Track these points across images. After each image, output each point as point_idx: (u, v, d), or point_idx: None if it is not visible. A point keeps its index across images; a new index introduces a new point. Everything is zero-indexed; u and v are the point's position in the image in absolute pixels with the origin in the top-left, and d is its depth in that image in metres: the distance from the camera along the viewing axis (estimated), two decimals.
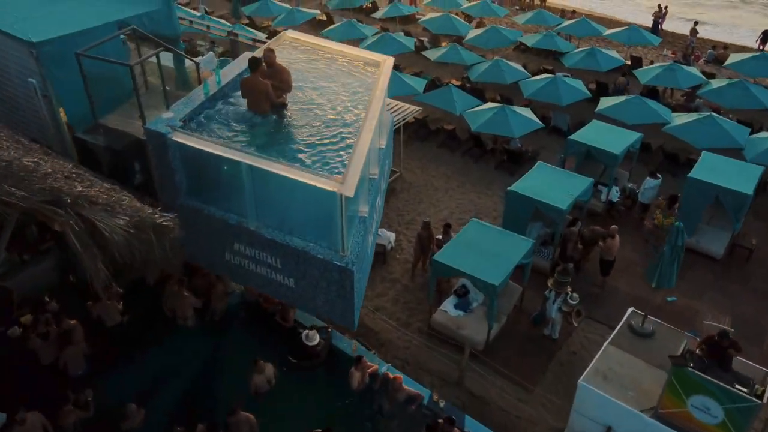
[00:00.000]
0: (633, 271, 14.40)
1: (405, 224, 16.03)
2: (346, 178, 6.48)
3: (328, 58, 10.23)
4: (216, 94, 8.54)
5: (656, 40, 24.29)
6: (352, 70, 9.85)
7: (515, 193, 13.73)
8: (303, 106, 8.78)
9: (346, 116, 8.58)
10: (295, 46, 10.42)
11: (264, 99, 8.17)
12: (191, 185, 7.83)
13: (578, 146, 15.94)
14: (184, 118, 7.80)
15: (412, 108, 16.94)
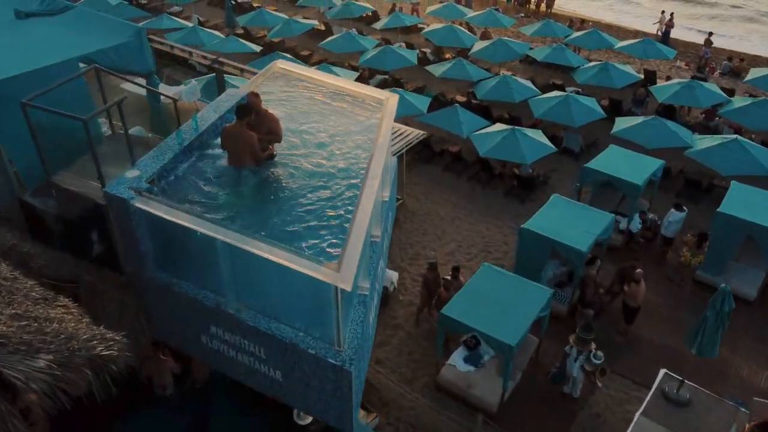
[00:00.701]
0: (657, 315, 13.19)
1: (409, 259, 14.82)
2: (343, 264, 5.28)
3: (323, 93, 9.02)
4: (193, 143, 7.32)
5: (671, 53, 23.08)
6: (351, 110, 8.64)
7: (530, 231, 12.54)
8: (294, 156, 7.57)
9: (344, 169, 7.38)
10: (286, 80, 9.21)
11: (248, 154, 6.98)
12: (160, 256, 6.63)
13: (595, 175, 14.76)
14: (152, 176, 6.59)
15: (415, 132, 15.74)
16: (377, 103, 8.56)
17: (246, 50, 22.92)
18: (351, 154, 7.60)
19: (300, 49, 26.69)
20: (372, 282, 6.92)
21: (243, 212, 6.55)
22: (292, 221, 6.49)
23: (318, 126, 8.13)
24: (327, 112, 8.49)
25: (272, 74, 9.28)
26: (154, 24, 24.93)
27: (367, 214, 6.00)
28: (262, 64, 21.27)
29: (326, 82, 9.12)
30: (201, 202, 6.60)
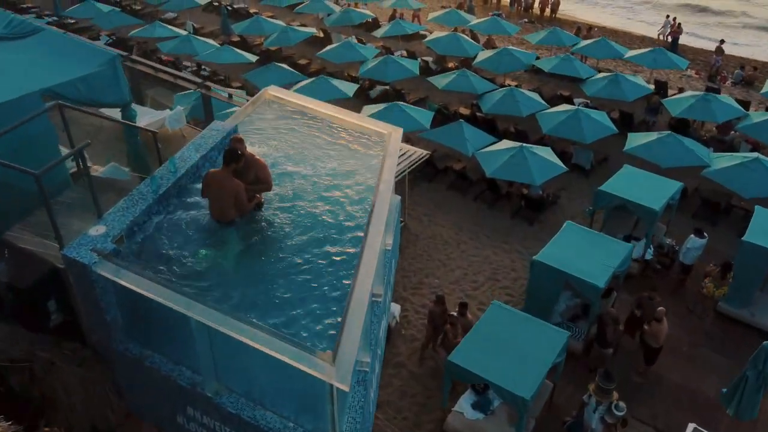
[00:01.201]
0: (678, 351, 12.32)
1: (412, 288, 13.95)
2: (339, 356, 4.41)
3: (318, 126, 8.14)
4: (170, 190, 6.44)
5: (683, 63, 22.20)
6: (349, 146, 7.77)
7: (542, 264, 11.66)
8: (285, 206, 6.68)
9: (342, 221, 6.50)
10: (278, 109, 8.33)
11: (233, 205, 6.11)
12: (129, 326, 5.76)
13: (610, 198, 13.89)
14: (121, 233, 5.72)
15: (418, 152, 14.88)
16: (378, 137, 7.69)
17: (241, 60, 22.05)
18: (350, 201, 6.73)
19: (298, 57, 25.84)
20: (373, 352, 6.06)
21: (225, 277, 5.68)
22: (281, 287, 5.62)
23: (312, 167, 7.26)
24: (322, 150, 7.61)
25: (262, 102, 8.40)
26: (146, 32, 24.09)
27: (368, 284, 5.14)
28: (259, 76, 20.48)
29: (321, 112, 8.24)
30: (177, 264, 5.73)
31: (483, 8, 36.30)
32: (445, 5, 36.24)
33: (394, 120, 17.35)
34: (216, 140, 7.19)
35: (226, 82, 23.21)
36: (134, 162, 8.38)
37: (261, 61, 24.87)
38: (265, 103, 8.47)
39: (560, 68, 21.25)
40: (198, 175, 6.75)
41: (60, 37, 8.41)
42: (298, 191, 6.84)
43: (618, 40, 31.08)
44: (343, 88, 19.39)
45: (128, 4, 31.68)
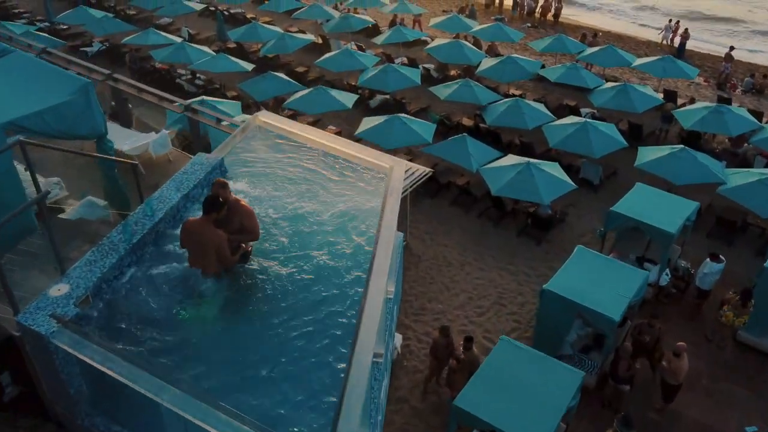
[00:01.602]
0: (697, 383, 11.63)
1: (413, 315, 13.24)
2: None
3: (312, 157, 7.45)
4: (146, 237, 5.75)
5: (693, 71, 21.49)
6: (347, 183, 7.07)
7: (553, 293, 10.96)
8: (274, 257, 5.98)
9: (338, 276, 5.80)
10: (269, 139, 7.64)
11: (213, 258, 5.42)
12: (97, 398, 5.07)
13: (622, 220, 13.20)
14: (86, 293, 5.03)
15: (420, 169, 14.17)
16: (380, 171, 6.99)
17: (237, 69, 21.35)
18: (349, 249, 6.04)
19: (295, 65, 25.13)
20: (373, 423, 5.35)
21: (203, 347, 5.00)
22: (267, 360, 4.93)
23: (306, 208, 6.56)
24: (317, 187, 6.92)
25: (251, 130, 7.70)
26: (140, 39, 23.40)
27: (368, 354, 4.45)
28: (255, 85, 19.78)
29: (316, 141, 7.54)
30: (151, 330, 5.04)
31: (485, 12, 35.59)
32: (446, 9, 35.59)
33: (395, 133, 16.73)
34: (200, 176, 6.50)
35: (221, 91, 22.55)
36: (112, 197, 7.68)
37: (258, 68, 24.18)
38: (255, 130, 7.77)
39: (566, 78, 20.53)
40: (179, 218, 6.07)
41: (27, 61, 7.66)
42: (289, 237, 6.15)
43: (623, 46, 30.45)
44: (342, 99, 18.70)
45: (122, 9, 30.97)
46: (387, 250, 5.53)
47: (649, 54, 29.79)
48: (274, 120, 7.80)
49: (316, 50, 26.04)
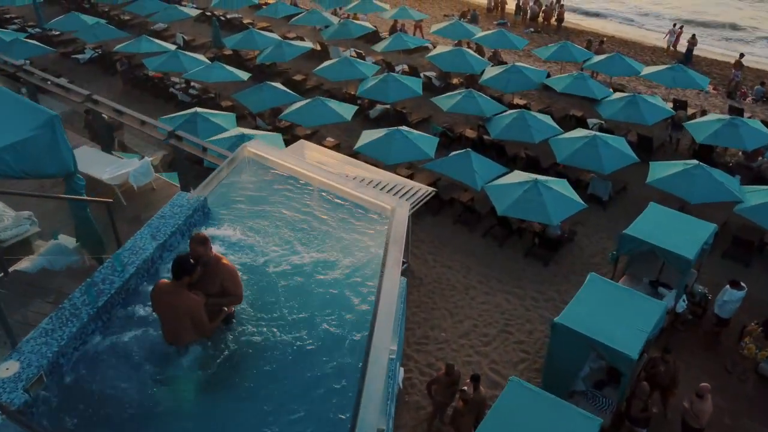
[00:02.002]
0: (718, 421, 10.90)
1: (416, 344, 12.54)
2: None
3: (306, 195, 6.73)
4: (114, 298, 5.03)
5: (704, 81, 20.78)
6: (345, 226, 6.35)
7: (565, 327, 10.25)
8: (261, 321, 5.26)
9: (335, 341, 5.09)
10: (258, 172, 6.92)
11: (188, 326, 4.71)
12: None
13: (636, 244, 12.47)
14: (40, 372, 4.31)
15: (422, 189, 13.47)
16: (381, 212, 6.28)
17: (233, 78, 20.64)
18: (346, 306, 5.33)
19: (293, 73, 24.45)
20: None
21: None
22: None
23: (299, 258, 5.85)
24: (311, 232, 6.20)
25: (239, 163, 6.99)
26: (132, 47, 22.69)
27: None
28: (250, 96, 19.05)
29: (310, 177, 6.82)
30: (117, 415, 4.32)
31: (487, 17, 34.93)
32: (448, 13, 34.89)
33: (395, 148, 16.01)
34: (179, 221, 5.78)
35: (216, 100, 21.85)
36: (84, 239, 6.99)
37: (254, 76, 23.49)
38: (244, 162, 7.05)
39: (573, 88, 19.82)
40: (154, 272, 5.35)
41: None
42: (279, 294, 5.44)
43: (629, 52, 29.77)
44: (340, 111, 17.99)
45: (116, 15, 30.28)
46: (390, 306, 4.83)
47: (655, 60, 29.15)
48: (264, 151, 7.09)
49: (314, 57, 25.36)
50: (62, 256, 6.60)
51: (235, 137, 15.66)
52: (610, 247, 15.42)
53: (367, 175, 13.06)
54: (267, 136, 16.18)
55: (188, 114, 17.06)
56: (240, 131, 15.97)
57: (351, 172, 12.99)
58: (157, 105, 22.35)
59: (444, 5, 37.37)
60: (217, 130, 16.74)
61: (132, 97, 22.83)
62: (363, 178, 12.72)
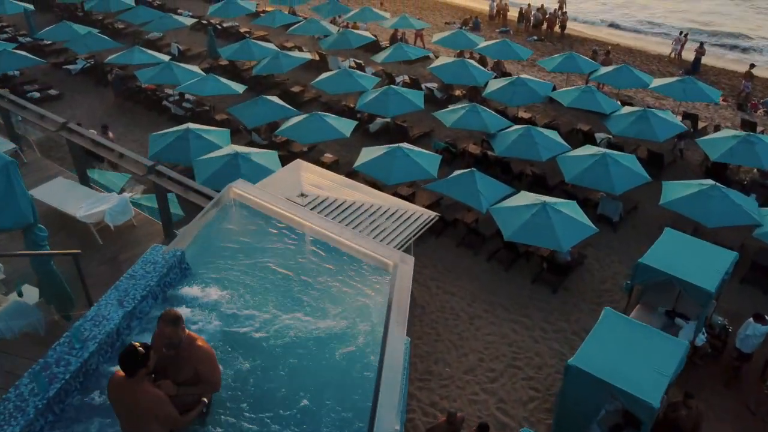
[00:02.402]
0: None
1: (418, 380, 11.79)
2: None
3: (297, 245, 5.99)
4: (69, 383, 4.29)
5: (716, 94, 20.06)
6: (341, 285, 5.61)
7: (580, 370, 9.51)
8: (241, 411, 4.52)
9: (331, 421, 4.35)
10: (243, 218, 6.20)
11: (153, 426, 3.97)
12: None
13: (652, 274, 11.72)
14: None
15: (425, 214, 12.70)
16: (382, 268, 5.55)
17: (228, 92, 19.94)
18: (344, 384, 4.60)
19: (291, 84, 23.75)
20: None
21: None
22: None
23: (288, 327, 5.10)
24: (304, 290, 5.47)
25: (224, 205, 6.26)
26: (124, 58, 21.99)
27: None
28: (245, 111, 18.33)
29: (304, 224, 6.09)
30: None
31: (489, 24, 34.28)
32: (449, 21, 34.24)
33: (396, 167, 15.29)
34: (151, 282, 5.05)
35: (211, 113, 21.14)
36: (49, 293, 6.26)
37: (251, 87, 22.81)
38: (230, 206, 6.33)
39: (581, 102, 19.09)
40: (119, 346, 4.61)
41: None
42: (264, 369, 4.71)
43: (635, 61, 29.14)
44: (339, 127, 17.28)
45: (110, 23, 29.60)
46: (395, 385, 4.10)
47: (662, 69, 28.50)
48: (252, 193, 6.37)
49: (312, 67, 24.68)
50: (20, 320, 5.85)
51: (229, 156, 14.97)
52: (622, 272, 14.71)
53: (366, 199, 12.33)
54: (262, 154, 15.47)
55: (180, 130, 16.34)
56: (234, 149, 15.24)
57: (350, 196, 12.28)
58: (150, 118, 21.68)
59: (445, 12, 36.73)
60: (210, 147, 16.03)
61: (124, 110, 22.16)
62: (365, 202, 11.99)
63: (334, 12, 29.41)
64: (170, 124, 20.63)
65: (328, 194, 12.09)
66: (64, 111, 21.97)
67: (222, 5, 28.42)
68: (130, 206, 8.67)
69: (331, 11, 29.32)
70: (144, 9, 27.54)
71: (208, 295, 5.28)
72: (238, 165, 14.76)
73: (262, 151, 15.76)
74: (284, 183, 12.64)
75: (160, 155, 16.21)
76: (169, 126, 20.25)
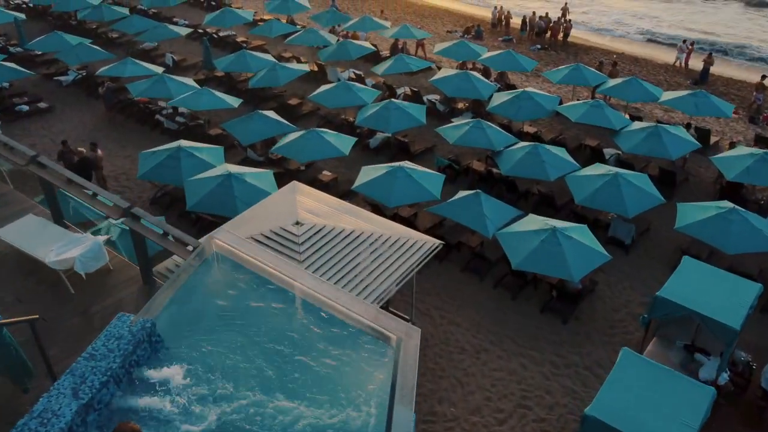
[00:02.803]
0: None
1: (422, 421, 11.03)
2: None
3: (286, 309, 5.24)
4: None
5: (728, 108, 19.33)
6: (334, 360, 4.87)
7: (598, 422, 8.74)
8: None
9: None
10: (226, 275, 5.45)
11: None
12: None
13: (671, 308, 10.98)
14: None
15: (428, 243, 11.97)
16: (385, 341, 4.80)
17: (222, 106, 19.22)
18: None
19: (288, 96, 23.01)
20: None
21: None
22: None
23: (271, 418, 4.35)
24: (294, 366, 4.72)
25: (206, 262, 5.51)
26: (116, 70, 21.29)
27: None
28: (240, 126, 17.57)
29: (293, 284, 5.34)
30: None
31: (491, 33, 33.59)
32: (451, 29, 33.55)
33: (398, 188, 14.53)
34: (113, 363, 4.29)
35: (205, 128, 20.41)
36: (3, 365, 5.52)
37: (247, 100, 22.10)
38: (211, 260, 5.58)
39: (589, 117, 18.36)
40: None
41: None
42: None
43: (641, 71, 28.43)
44: (337, 144, 16.55)
45: (104, 33, 28.89)
46: None
47: (669, 80, 27.78)
48: (236, 245, 5.62)
49: (311, 78, 23.99)
50: None
51: (222, 177, 14.26)
52: (635, 299, 13.97)
53: (366, 227, 11.60)
54: (257, 174, 14.74)
55: (171, 149, 15.62)
56: (227, 169, 14.52)
57: (349, 223, 11.55)
58: (142, 132, 20.95)
59: (447, 20, 36.06)
60: (203, 166, 15.32)
61: (116, 124, 21.43)
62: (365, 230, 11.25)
63: (334, 21, 28.72)
64: (163, 139, 19.92)
65: (326, 222, 11.36)
66: (53, 125, 21.28)
67: (218, 14, 27.75)
68: (103, 251, 7.88)
69: (331, 20, 28.63)
70: (138, 18, 26.84)
71: (182, 376, 4.54)
72: (232, 186, 14.06)
73: (257, 170, 15.02)
74: (278, 209, 11.92)
75: (150, 175, 15.50)
76: (162, 141, 19.55)
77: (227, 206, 13.75)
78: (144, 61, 23.08)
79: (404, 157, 18.77)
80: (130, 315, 4.77)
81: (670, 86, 26.52)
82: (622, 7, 40.96)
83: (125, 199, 17.18)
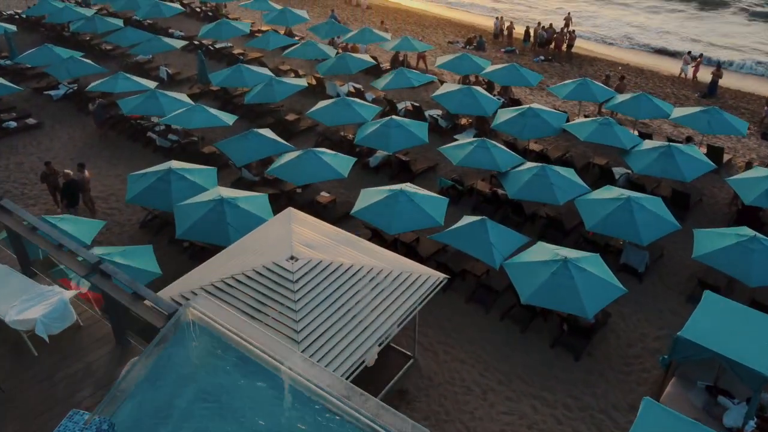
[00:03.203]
0: None
1: None
2: None
3: (271, 398, 4.47)
4: None
5: (743, 125, 18.58)
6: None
7: None
8: None
9: None
10: (203, 352, 4.68)
11: None
12: None
13: (693, 350, 10.21)
14: None
15: (432, 277, 11.20)
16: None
17: (216, 124, 18.46)
18: None
19: (285, 111, 22.29)
20: None
21: None
22: None
23: None
24: None
25: (181, 332, 4.74)
26: (107, 85, 20.56)
27: None
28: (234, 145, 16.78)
29: (282, 369, 4.56)
30: None
31: (493, 43, 32.94)
32: (452, 40, 32.88)
33: (399, 214, 13.75)
34: None
35: (198, 146, 19.68)
36: None
37: (243, 116, 21.41)
38: (187, 330, 4.82)
39: (598, 136, 17.59)
40: None
41: None
42: None
43: (648, 83, 27.76)
44: (336, 165, 15.79)
45: (98, 45, 28.22)
46: None
47: (677, 93, 27.08)
48: (216, 316, 4.86)
49: (309, 92, 23.31)
50: None
51: (214, 202, 13.51)
52: (651, 332, 13.20)
53: (366, 261, 10.85)
54: (251, 199, 14.00)
55: (161, 171, 14.88)
56: (219, 194, 13.79)
57: (347, 256, 10.81)
58: (134, 150, 20.24)
59: (448, 30, 35.42)
60: (195, 190, 14.58)
61: (107, 141, 20.71)
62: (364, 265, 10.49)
63: (333, 33, 28.04)
64: (156, 157, 19.21)
65: (323, 256, 10.61)
66: (42, 142, 20.55)
67: (214, 26, 27.07)
68: (70, 309, 7.07)
69: (330, 32, 27.94)
70: (132, 30, 26.13)
71: None
72: (224, 212, 13.33)
73: (251, 194, 14.28)
74: (272, 241, 11.17)
75: (139, 199, 14.75)
76: (155, 159, 18.84)
77: (219, 234, 13.03)
78: (138, 74, 22.41)
79: (405, 176, 18.07)
80: (85, 413, 4.00)
81: (678, 99, 25.83)
82: (630, 20, 40.32)
83: (114, 222, 16.54)
